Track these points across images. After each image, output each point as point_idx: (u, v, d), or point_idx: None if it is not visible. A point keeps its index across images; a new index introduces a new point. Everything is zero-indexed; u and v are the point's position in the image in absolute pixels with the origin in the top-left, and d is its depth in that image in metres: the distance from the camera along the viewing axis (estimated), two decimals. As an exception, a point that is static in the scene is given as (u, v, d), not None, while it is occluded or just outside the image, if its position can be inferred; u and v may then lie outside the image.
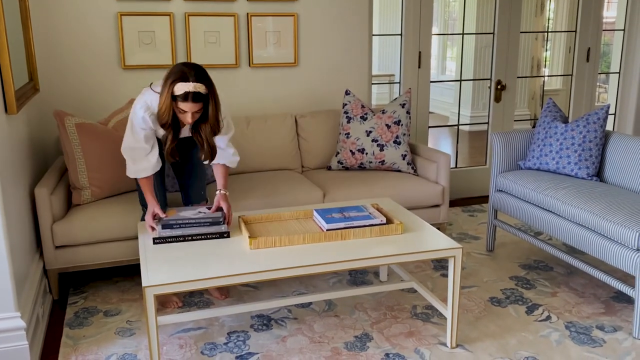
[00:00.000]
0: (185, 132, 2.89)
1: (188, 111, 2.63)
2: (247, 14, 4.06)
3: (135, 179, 2.92)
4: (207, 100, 2.67)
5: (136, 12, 3.83)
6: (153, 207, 2.80)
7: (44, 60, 3.70)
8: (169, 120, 2.69)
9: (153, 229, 2.72)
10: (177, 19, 3.93)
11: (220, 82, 4.09)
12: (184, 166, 3.15)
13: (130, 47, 3.86)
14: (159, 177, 3.02)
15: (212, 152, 2.84)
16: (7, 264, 2.42)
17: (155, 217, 2.77)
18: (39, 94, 3.62)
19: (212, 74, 4.03)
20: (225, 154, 2.98)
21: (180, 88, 2.59)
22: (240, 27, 4.08)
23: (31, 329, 2.63)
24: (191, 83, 2.59)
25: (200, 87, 2.61)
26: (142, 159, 2.84)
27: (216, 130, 2.77)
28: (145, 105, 2.75)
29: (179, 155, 2.93)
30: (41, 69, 3.68)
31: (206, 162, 2.94)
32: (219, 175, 2.99)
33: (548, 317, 3.02)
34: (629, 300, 3.16)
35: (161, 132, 2.81)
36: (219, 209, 2.85)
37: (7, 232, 2.45)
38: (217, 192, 2.92)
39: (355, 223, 2.71)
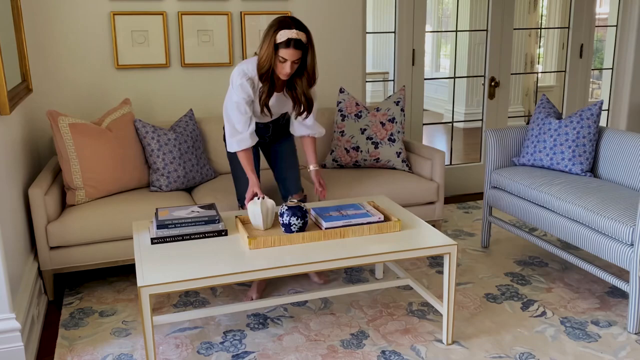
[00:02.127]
0: (279, 107, 2.99)
1: (288, 59, 2.71)
2: (241, 12, 4.06)
3: (232, 167, 3.07)
4: (306, 50, 2.76)
5: (129, 12, 3.82)
6: (254, 185, 2.91)
7: (36, 60, 3.68)
8: (269, 70, 2.77)
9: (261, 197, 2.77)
10: (170, 18, 3.92)
11: (214, 80, 4.11)
12: (278, 158, 3.24)
13: (124, 46, 3.85)
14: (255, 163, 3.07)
15: (309, 105, 2.94)
16: (2, 265, 2.41)
17: (254, 197, 2.83)
18: (32, 94, 3.61)
19: (205, 72, 4.07)
20: (318, 127, 3.14)
21: (283, 35, 2.68)
22: (234, 25, 4.07)
23: (26, 330, 2.62)
24: (294, 30, 2.69)
25: (301, 35, 2.71)
26: (242, 129, 2.90)
27: (312, 81, 2.87)
28: (242, 72, 2.84)
29: (271, 139, 3.13)
30: (34, 69, 3.66)
31: (302, 118, 3.04)
32: (309, 150, 3.18)
33: (543, 313, 3.03)
34: (624, 295, 3.18)
35: (257, 106, 2.90)
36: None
37: (2, 233, 2.44)
38: (311, 168, 3.16)
39: (354, 221, 2.71)
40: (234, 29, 4.08)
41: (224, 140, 3.08)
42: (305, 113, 2.99)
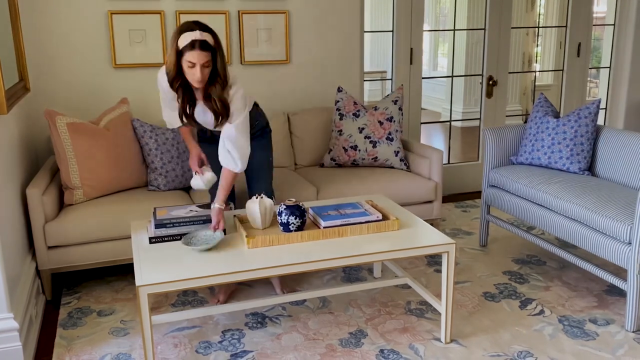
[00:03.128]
0: (208, 120, 2.79)
1: (196, 63, 2.54)
2: (239, 11, 4.05)
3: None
4: (215, 52, 2.60)
5: (127, 11, 3.81)
6: (196, 151, 2.92)
7: (34, 59, 3.67)
8: (175, 75, 2.61)
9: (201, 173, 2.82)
10: (168, 17, 3.92)
11: (212, 80, 4.10)
12: (249, 167, 2.93)
13: (121, 45, 3.84)
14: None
15: (225, 110, 2.70)
16: (0, 265, 2.41)
17: (200, 164, 2.87)
18: (29, 93, 3.60)
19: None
20: (230, 156, 2.77)
21: (187, 37, 2.53)
22: (232, 24, 4.07)
23: (24, 329, 2.62)
24: (197, 31, 2.54)
25: (206, 36, 2.56)
26: (170, 112, 2.89)
27: (224, 83, 2.66)
28: (162, 70, 2.75)
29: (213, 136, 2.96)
30: (31, 68, 3.66)
31: (219, 129, 2.80)
32: (219, 183, 2.81)
33: (541, 311, 3.03)
34: (622, 294, 3.18)
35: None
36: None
37: (-1, 233, 2.44)
38: (213, 206, 2.72)
39: (352, 220, 2.71)
40: (231, 28, 4.07)
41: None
42: (223, 120, 2.74)
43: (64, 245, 3.16)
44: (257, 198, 2.71)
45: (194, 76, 2.58)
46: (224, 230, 2.68)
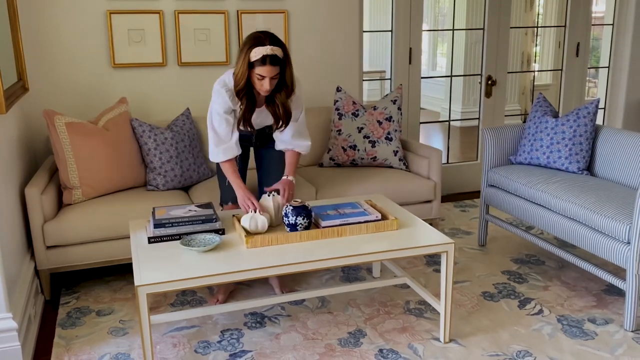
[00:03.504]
0: (262, 120, 2.95)
1: (266, 76, 2.67)
2: (237, 11, 4.05)
3: (218, 170, 3.03)
4: (284, 65, 2.72)
5: (126, 10, 3.81)
6: (243, 191, 2.82)
7: (33, 59, 3.67)
8: (244, 87, 2.74)
9: (254, 208, 2.71)
10: (167, 16, 3.92)
11: (211, 79, 4.08)
12: (263, 161, 3.18)
13: (120, 45, 3.84)
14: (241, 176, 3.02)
15: (287, 118, 2.89)
16: (-2, 265, 2.41)
17: (249, 208, 2.75)
18: (28, 93, 3.60)
19: (202, 71, 4.06)
20: (298, 141, 3.01)
21: (258, 52, 2.64)
22: (231, 24, 4.07)
23: (23, 329, 2.61)
24: (268, 46, 2.64)
25: (277, 50, 2.67)
26: (226, 138, 2.87)
27: (290, 92, 2.83)
28: (223, 82, 2.82)
29: (258, 145, 3.09)
30: (30, 68, 3.65)
31: (279, 132, 2.98)
32: (288, 161, 3.03)
33: (540, 311, 3.03)
34: (620, 293, 3.19)
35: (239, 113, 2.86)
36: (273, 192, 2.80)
37: (-2, 233, 2.43)
38: (283, 178, 2.96)
39: (351, 220, 2.71)
40: (230, 27, 4.07)
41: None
42: (283, 125, 2.93)
43: (62, 245, 3.15)
44: (269, 195, 2.72)
45: (263, 87, 2.72)
46: (223, 230, 2.68)
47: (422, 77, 4.81)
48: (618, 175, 3.36)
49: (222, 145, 2.88)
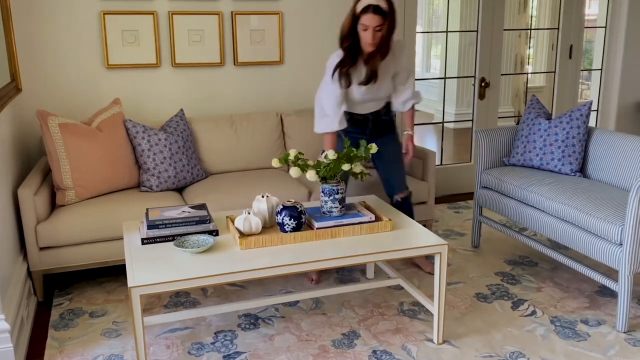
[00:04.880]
0: (370, 94, 3.12)
1: (369, 26, 2.85)
2: (232, 12, 4.05)
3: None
4: (388, 18, 2.89)
5: (119, 11, 3.80)
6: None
7: (26, 60, 3.66)
8: (347, 35, 2.95)
9: None
10: (161, 17, 3.91)
11: (205, 80, 4.11)
12: (382, 158, 3.32)
13: (114, 46, 3.83)
14: None
15: (371, 75, 3.03)
16: (-9, 266, 2.40)
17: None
18: (21, 94, 3.58)
19: (196, 72, 4.06)
20: (409, 100, 3.25)
21: (363, 2, 2.86)
22: (225, 25, 4.07)
23: (15, 331, 2.60)
24: None
25: (381, 2, 2.86)
26: (330, 113, 3.08)
27: (385, 52, 2.99)
28: (337, 54, 3.04)
29: (374, 136, 3.25)
30: (23, 69, 3.64)
31: (387, 111, 3.25)
32: (405, 118, 3.33)
33: (533, 312, 3.05)
34: (613, 295, 3.20)
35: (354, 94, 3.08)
36: None
37: (-10, 234, 2.42)
38: (405, 133, 3.30)
39: (345, 221, 2.72)
40: (224, 28, 4.07)
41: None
42: (373, 80, 3.05)
43: (55, 246, 3.14)
44: (263, 197, 2.73)
45: (366, 38, 2.90)
46: (217, 231, 2.68)
47: (416, 79, 4.81)
48: (610, 177, 3.38)
49: (325, 119, 3.11)
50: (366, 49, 2.97)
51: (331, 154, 2.71)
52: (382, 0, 2.87)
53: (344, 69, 3.02)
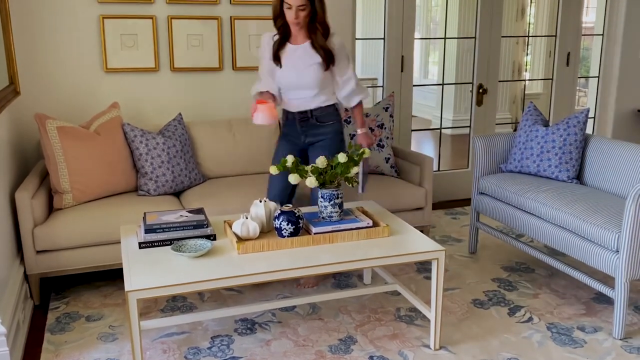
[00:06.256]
0: (298, 74, 3.10)
1: (292, 5, 2.91)
2: (231, 17, 4.06)
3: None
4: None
5: (118, 15, 3.81)
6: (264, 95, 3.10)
7: (25, 63, 3.66)
8: (279, 18, 3.02)
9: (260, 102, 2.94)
10: (160, 22, 3.92)
11: (204, 85, 4.11)
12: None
13: (112, 50, 3.84)
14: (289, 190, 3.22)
15: (327, 57, 3.05)
16: (-13, 269, 2.39)
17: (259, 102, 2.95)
18: (19, 97, 3.58)
19: (195, 77, 4.06)
20: (358, 95, 3.21)
21: None
22: (224, 30, 4.07)
23: (12, 334, 2.59)
24: None
25: None
26: (263, 77, 3.17)
27: (325, 33, 3.03)
28: (269, 32, 3.15)
29: (308, 143, 3.22)
30: (22, 72, 3.64)
31: (317, 112, 3.18)
32: (354, 116, 3.29)
33: (530, 319, 3.05)
34: (609, 302, 3.21)
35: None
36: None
37: (-13, 237, 2.42)
38: (357, 132, 3.27)
39: (343, 226, 2.72)
40: (223, 33, 4.08)
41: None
42: (330, 63, 3.07)
43: (52, 249, 3.14)
44: (260, 202, 2.73)
45: (290, 17, 2.96)
46: (214, 236, 2.68)
47: (414, 85, 4.83)
48: (607, 184, 3.39)
49: (258, 83, 3.18)
50: (291, 26, 3.03)
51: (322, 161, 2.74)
52: None
53: (278, 49, 3.10)
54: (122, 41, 3.84)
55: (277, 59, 3.11)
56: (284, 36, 3.09)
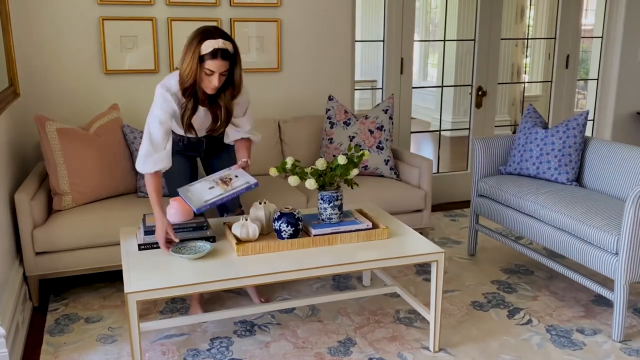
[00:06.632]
0: (203, 123, 2.83)
1: (216, 71, 2.56)
2: (231, 19, 4.06)
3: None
4: (234, 61, 2.64)
5: (118, 17, 3.81)
6: (162, 221, 2.57)
7: (24, 64, 3.66)
8: (192, 84, 2.61)
9: (170, 243, 2.57)
10: (160, 23, 3.92)
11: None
12: (215, 172, 2.98)
13: (112, 51, 3.84)
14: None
15: (228, 118, 2.81)
16: (-13, 271, 2.39)
17: (168, 241, 2.58)
18: (19, 98, 3.58)
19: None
20: (254, 134, 3.01)
21: (209, 45, 2.53)
22: (223, 32, 4.07)
23: (11, 336, 2.59)
24: (219, 40, 2.55)
25: (228, 45, 2.58)
26: (160, 147, 2.65)
27: (236, 93, 2.74)
28: (165, 87, 2.67)
29: (208, 153, 3.00)
30: (22, 73, 3.64)
31: (222, 133, 2.93)
32: (241, 148, 2.97)
33: (529, 321, 3.05)
34: (609, 304, 3.21)
35: (178, 126, 2.77)
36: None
37: (-13, 239, 2.42)
38: (241, 159, 2.88)
39: (342, 228, 2.72)
40: (223, 35, 4.08)
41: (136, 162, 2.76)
42: (222, 128, 2.85)
43: (52, 251, 3.14)
44: (260, 204, 2.73)
45: (211, 83, 2.61)
46: (214, 238, 2.68)
47: (413, 87, 4.84)
48: (606, 187, 3.39)
49: (153, 156, 2.65)
50: (208, 92, 2.68)
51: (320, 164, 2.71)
52: (228, 43, 2.58)
53: (190, 116, 2.73)
54: (122, 43, 3.85)
55: (189, 127, 2.77)
56: (195, 101, 2.71)
